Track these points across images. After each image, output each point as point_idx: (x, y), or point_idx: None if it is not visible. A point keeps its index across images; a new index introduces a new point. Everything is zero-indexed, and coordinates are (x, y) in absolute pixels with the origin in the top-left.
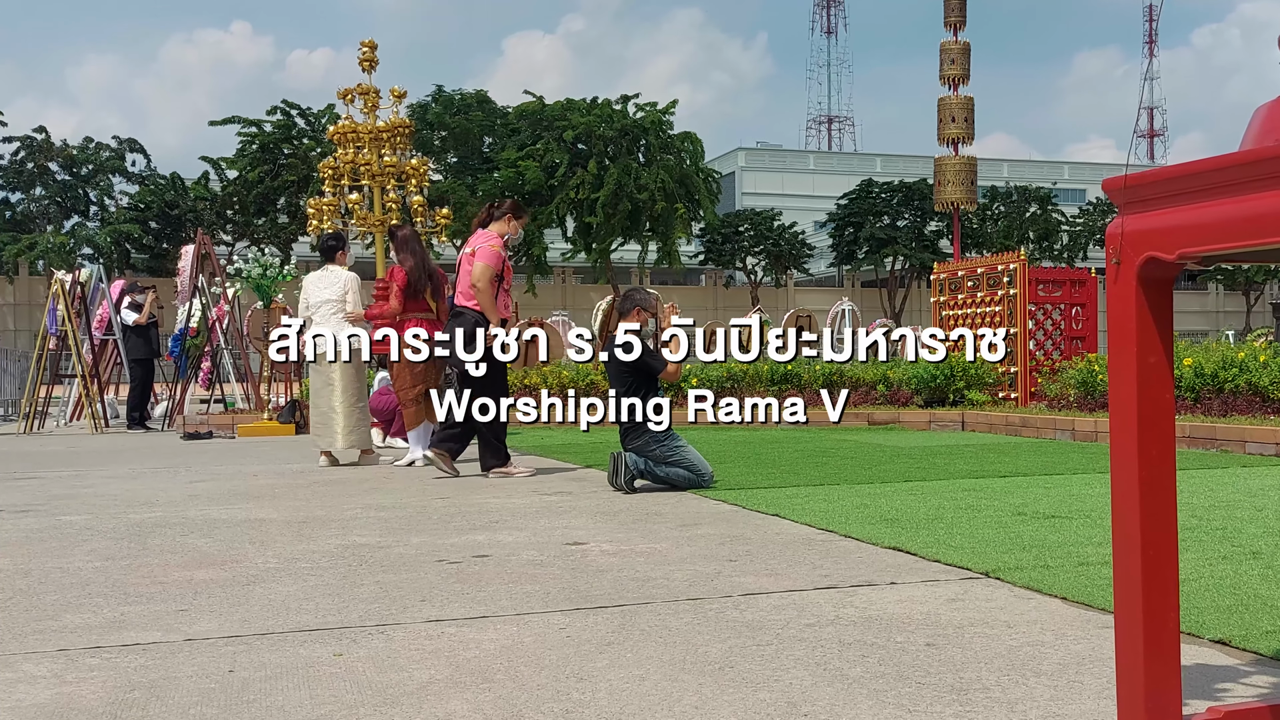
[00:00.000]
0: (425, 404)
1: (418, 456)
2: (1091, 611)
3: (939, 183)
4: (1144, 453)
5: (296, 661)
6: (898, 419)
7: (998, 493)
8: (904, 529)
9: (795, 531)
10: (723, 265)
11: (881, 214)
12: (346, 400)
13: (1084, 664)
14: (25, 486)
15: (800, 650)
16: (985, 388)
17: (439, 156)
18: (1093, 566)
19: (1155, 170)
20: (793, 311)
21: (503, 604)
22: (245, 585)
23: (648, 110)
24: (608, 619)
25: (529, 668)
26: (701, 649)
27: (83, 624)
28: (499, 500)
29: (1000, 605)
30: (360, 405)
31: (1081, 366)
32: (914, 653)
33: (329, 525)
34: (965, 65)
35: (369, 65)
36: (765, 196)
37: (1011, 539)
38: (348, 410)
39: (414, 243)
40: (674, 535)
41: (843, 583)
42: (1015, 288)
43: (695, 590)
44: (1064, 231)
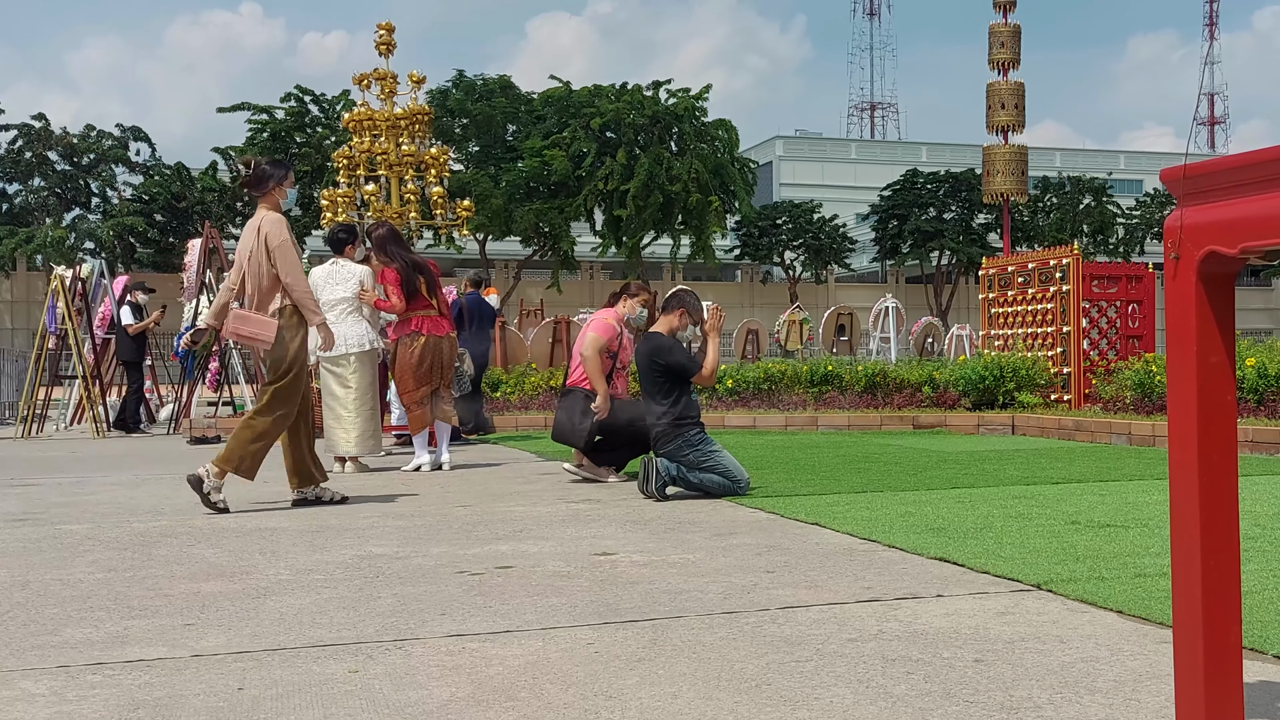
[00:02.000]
0: (430, 406)
1: (424, 461)
2: (1149, 626)
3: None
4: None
5: (309, 679)
6: (944, 422)
7: (1050, 500)
8: (951, 538)
9: (836, 541)
10: (759, 260)
11: (927, 206)
12: (358, 402)
13: (1141, 681)
14: (23, 494)
15: (841, 667)
16: (1037, 389)
17: (460, 145)
18: (1150, 578)
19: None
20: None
21: (527, 618)
22: (255, 598)
23: (680, 96)
24: (638, 634)
25: (555, 685)
26: (737, 665)
27: (84, 639)
28: (523, 508)
29: (1053, 619)
30: (372, 408)
31: (1138, 367)
32: (961, 669)
33: (344, 534)
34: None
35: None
36: (804, 187)
37: (1064, 549)
38: (358, 412)
39: (390, 243)
40: (708, 545)
41: (886, 595)
42: (1068, 284)
43: (730, 603)
44: (1120, 224)
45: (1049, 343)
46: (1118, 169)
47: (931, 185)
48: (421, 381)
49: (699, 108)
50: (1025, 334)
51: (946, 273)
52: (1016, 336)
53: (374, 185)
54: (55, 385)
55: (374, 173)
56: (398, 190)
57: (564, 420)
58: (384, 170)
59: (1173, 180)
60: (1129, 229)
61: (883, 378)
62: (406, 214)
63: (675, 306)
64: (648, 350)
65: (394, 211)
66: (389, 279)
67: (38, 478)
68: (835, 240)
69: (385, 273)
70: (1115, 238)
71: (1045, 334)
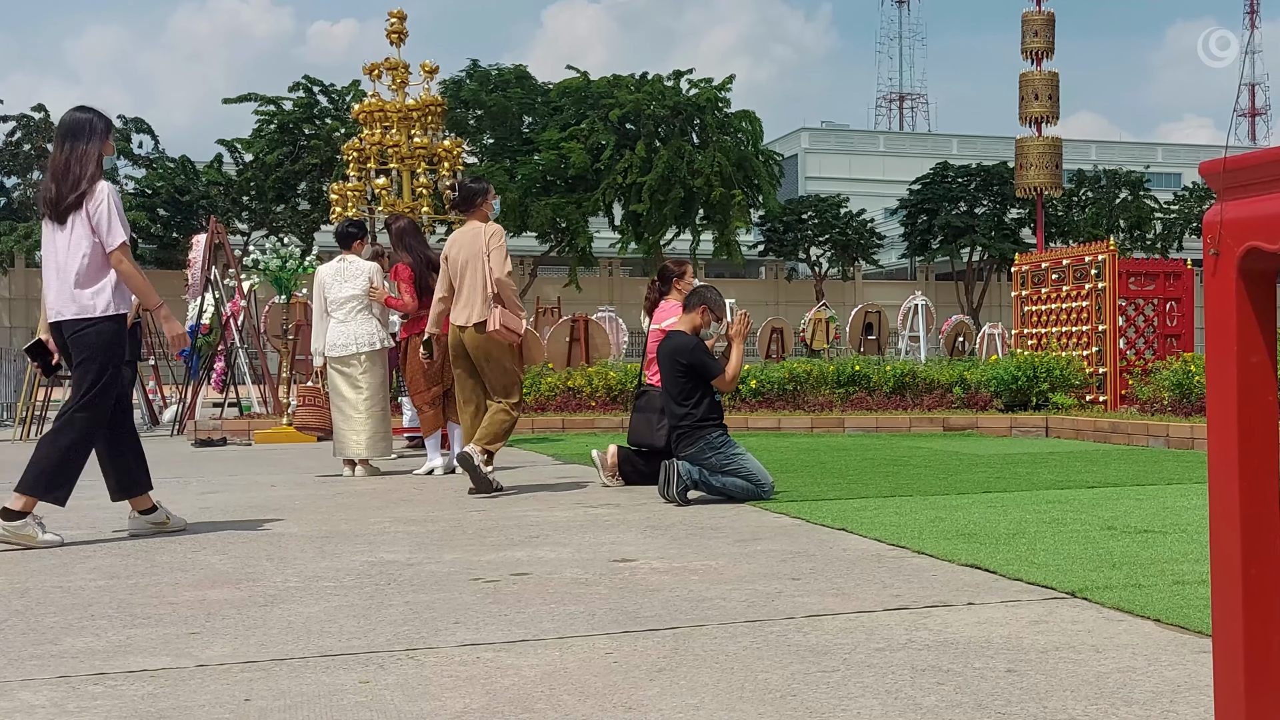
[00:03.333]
0: (442, 407)
1: (437, 464)
2: (1188, 635)
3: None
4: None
5: (319, 690)
6: (975, 424)
7: (1085, 505)
8: (982, 544)
9: (864, 547)
10: (784, 256)
11: (958, 200)
12: (367, 403)
13: (1179, 692)
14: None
15: (869, 677)
16: (1071, 390)
17: (474, 137)
18: (1189, 585)
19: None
20: (861, 307)
21: (544, 626)
22: (262, 606)
23: (702, 87)
24: (659, 643)
25: (573, 696)
26: (761, 676)
27: (85, 648)
28: (540, 513)
29: (1088, 628)
30: (382, 409)
31: (1177, 367)
32: (993, 680)
33: (354, 540)
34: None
35: (398, 38)
36: (831, 181)
37: (1100, 556)
38: (367, 414)
39: (409, 236)
40: (731, 551)
41: (915, 603)
42: (1104, 281)
43: (754, 611)
44: (1157, 219)
45: (1084, 342)
46: (1155, 162)
47: (962, 179)
48: (433, 381)
49: (722, 99)
50: (1059, 333)
51: (978, 269)
52: (1050, 335)
53: (385, 178)
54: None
55: (385, 166)
56: (410, 183)
57: (640, 423)
58: (396, 163)
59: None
60: (1167, 224)
61: (912, 378)
62: (419, 208)
63: (697, 304)
64: (670, 349)
65: (406, 205)
66: (402, 276)
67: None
68: (863, 236)
69: (399, 269)
70: (1153, 233)
71: (1080, 333)
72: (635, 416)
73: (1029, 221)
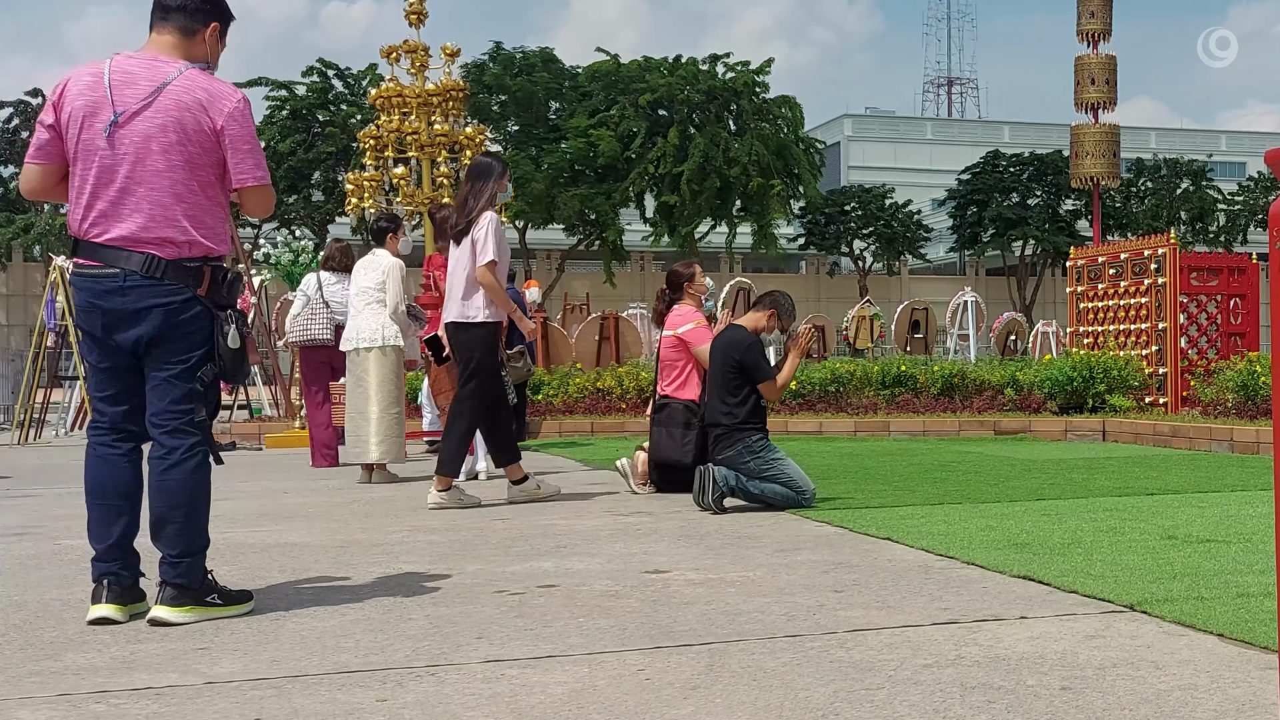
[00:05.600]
0: None
1: (479, 468)
2: (1253, 650)
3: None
4: None
5: (334, 708)
6: (1028, 428)
7: (1144, 513)
8: (1036, 555)
9: (910, 558)
10: (826, 250)
11: (1009, 191)
12: (379, 404)
13: (1244, 711)
14: (21, 505)
15: (916, 695)
16: (1130, 391)
17: (498, 124)
18: (1254, 598)
19: None
20: (907, 304)
21: (572, 642)
22: (274, 620)
23: (739, 71)
24: (693, 659)
25: (602, 716)
26: (802, 694)
27: (87, 664)
28: (568, 522)
29: (1147, 643)
30: (396, 411)
31: (1241, 367)
32: (1047, 698)
33: (371, 551)
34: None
35: (417, 19)
36: (875, 171)
37: (1160, 567)
38: (379, 415)
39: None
40: (770, 562)
41: (965, 617)
42: (1164, 276)
43: (794, 626)
44: (1220, 211)
45: (1143, 340)
46: (1218, 150)
47: (1014, 168)
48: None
49: (760, 83)
50: (1117, 331)
51: (1031, 264)
52: (1107, 333)
53: (403, 168)
54: (55, 387)
55: (404, 154)
56: (430, 173)
57: (664, 439)
58: (414, 151)
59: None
60: (1230, 216)
61: (961, 379)
62: (439, 199)
63: (768, 306)
64: (728, 341)
65: (425, 196)
66: (436, 265)
67: (37, 488)
68: (909, 228)
69: (434, 258)
70: (1216, 225)
71: (1139, 331)
72: (657, 431)
73: (1085, 213)
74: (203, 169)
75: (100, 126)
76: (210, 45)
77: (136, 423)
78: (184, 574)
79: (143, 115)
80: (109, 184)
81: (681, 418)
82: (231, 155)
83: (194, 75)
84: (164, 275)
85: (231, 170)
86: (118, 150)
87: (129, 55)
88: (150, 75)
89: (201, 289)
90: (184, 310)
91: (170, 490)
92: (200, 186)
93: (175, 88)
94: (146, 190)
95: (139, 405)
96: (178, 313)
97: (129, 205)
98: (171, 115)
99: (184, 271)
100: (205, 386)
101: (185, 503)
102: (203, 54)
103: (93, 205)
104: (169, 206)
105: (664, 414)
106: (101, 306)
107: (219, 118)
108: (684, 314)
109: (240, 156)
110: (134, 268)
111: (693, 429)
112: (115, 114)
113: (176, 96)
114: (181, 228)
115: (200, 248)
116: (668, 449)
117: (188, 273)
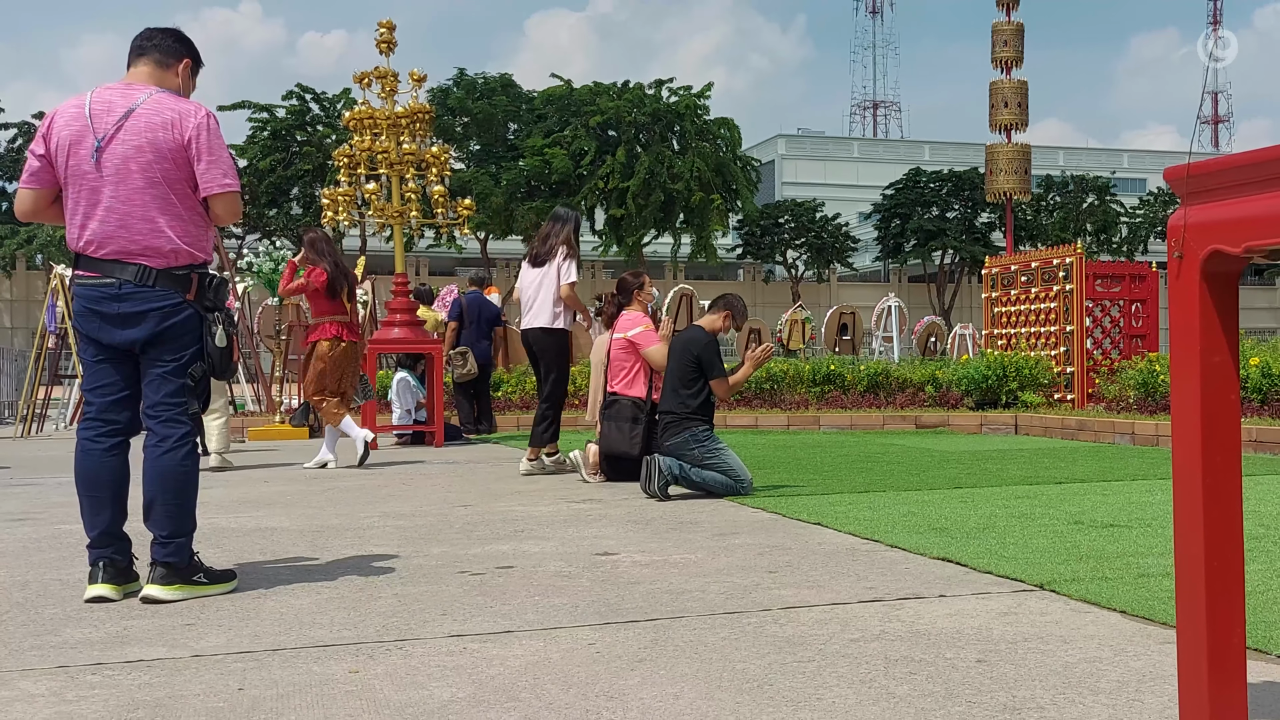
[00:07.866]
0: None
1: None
2: (1153, 626)
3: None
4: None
5: (310, 679)
6: (947, 422)
7: (1053, 500)
8: (954, 538)
9: (838, 541)
10: (762, 259)
11: (930, 205)
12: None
13: (1144, 682)
14: (22, 493)
15: (844, 667)
16: (1040, 389)
17: (461, 144)
18: (1154, 578)
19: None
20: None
21: (528, 618)
22: (255, 598)
23: (682, 95)
24: (639, 634)
25: (556, 685)
26: (739, 665)
27: (83, 639)
28: (524, 508)
29: (1055, 619)
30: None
31: (1142, 366)
32: (964, 670)
33: (344, 535)
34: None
35: (387, 47)
36: (807, 186)
37: (1068, 549)
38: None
39: (323, 244)
40: (710, 545)
41: (889, 595)
42: (1071, 283)
43: (732, 603)
44: (1123, 223)
45: (1052, 342)
46: (1121, 168)
47: (934, 184)
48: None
49: (701, 106)
50: (1028, 333)
51: (949, 272)
52: (1020, 336)
53: (375, 184)
54: (55, 384)
55: (375, 171)
56: (398, 189)
57: (613, 432)
58: (385, 169)
59: (1176, 179)
60: (1132, 228)
61: (885, 377)
62: (407, 212)
63: (723, 308)
64: (688, 338)
65: (395, 210)
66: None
67: (38, 477)
68: (838, 239)
69: (316, 272)
70: (1118, 237)
71: (1048, 333)
72: (606, 424)
73: (999, 225)
74: (179, 183)
75: (85, 153)
76: (183, 79)
77: (124, 417)
78: (174, 553)
79: (119, 139)
80: (96, 204)
81: (629, 413)
82: (199, 165)
83: (161, 97)
84: (155, 283)
85: (199, 179)
86: (102, 173)
87: (108, 86)
88: (125, 101)
89: (190, 294)
90: (175, 314)
91: (162, 474)
92: (179, 199)
93: (145, 110)
94: (130, 208)
95: (127, 400)
96: (170, 316)
97: (115, 222)
98: (145, 136)
99: (173, 279)
100: (196, 381)
101: (175, 486)
102: (175, 86)
103: (86, 225)
104: (153, 220)
105: (613, 409)
106: (100, 311)
107: (187, 132)
108: (633, 318)
109: (206, 166)
110: (128, 278)
111: (640, 423)
112: (97, 140)
113: (148, 119)
114: (167, 238)
115: (186, 255)
116: (617, 441)
117: (177, 280)
